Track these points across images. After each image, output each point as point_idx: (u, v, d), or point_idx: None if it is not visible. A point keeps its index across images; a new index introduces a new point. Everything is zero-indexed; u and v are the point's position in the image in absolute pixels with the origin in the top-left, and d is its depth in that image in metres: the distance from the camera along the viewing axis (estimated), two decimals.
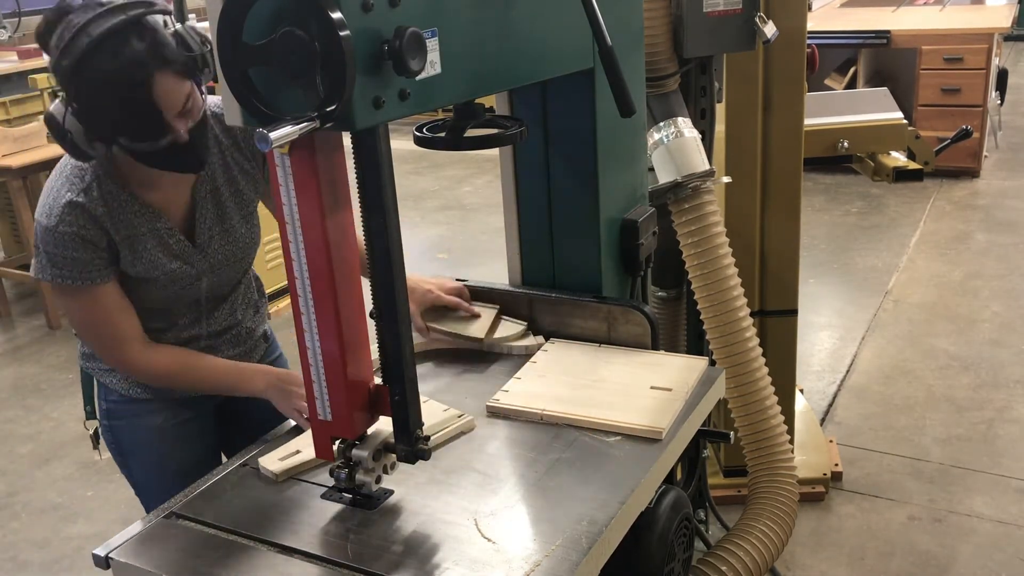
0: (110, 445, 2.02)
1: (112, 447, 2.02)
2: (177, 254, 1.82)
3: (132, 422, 1.97)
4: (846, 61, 6.70)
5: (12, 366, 4.66)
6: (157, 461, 2.00)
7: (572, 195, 1.97)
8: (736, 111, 2.77)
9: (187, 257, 1.83)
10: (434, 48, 1.35)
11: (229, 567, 1.40)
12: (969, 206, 6.00)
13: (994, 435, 3.51)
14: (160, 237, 1.78)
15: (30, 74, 5.63)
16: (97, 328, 1.78)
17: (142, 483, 2.04)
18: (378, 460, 1.50)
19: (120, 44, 1.53)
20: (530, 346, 1.98)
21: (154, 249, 1.78)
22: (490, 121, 1.67)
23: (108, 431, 2.00)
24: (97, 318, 1.76)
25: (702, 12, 2.29)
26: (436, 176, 7.43)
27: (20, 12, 7.96)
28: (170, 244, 1.80)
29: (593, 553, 1.37)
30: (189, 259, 1.83)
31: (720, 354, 2.37)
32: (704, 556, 2.31)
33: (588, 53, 1.79)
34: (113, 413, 1.98)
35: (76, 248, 1.68)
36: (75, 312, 1.77)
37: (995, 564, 2.84)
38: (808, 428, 3.44)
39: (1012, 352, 4.12)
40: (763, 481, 2.44)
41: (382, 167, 1.35)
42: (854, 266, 5.19)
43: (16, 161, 4.82)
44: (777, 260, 2.94)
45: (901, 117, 3.09)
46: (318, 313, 1.40)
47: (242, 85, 1.23)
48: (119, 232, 1.73)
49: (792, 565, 2.88)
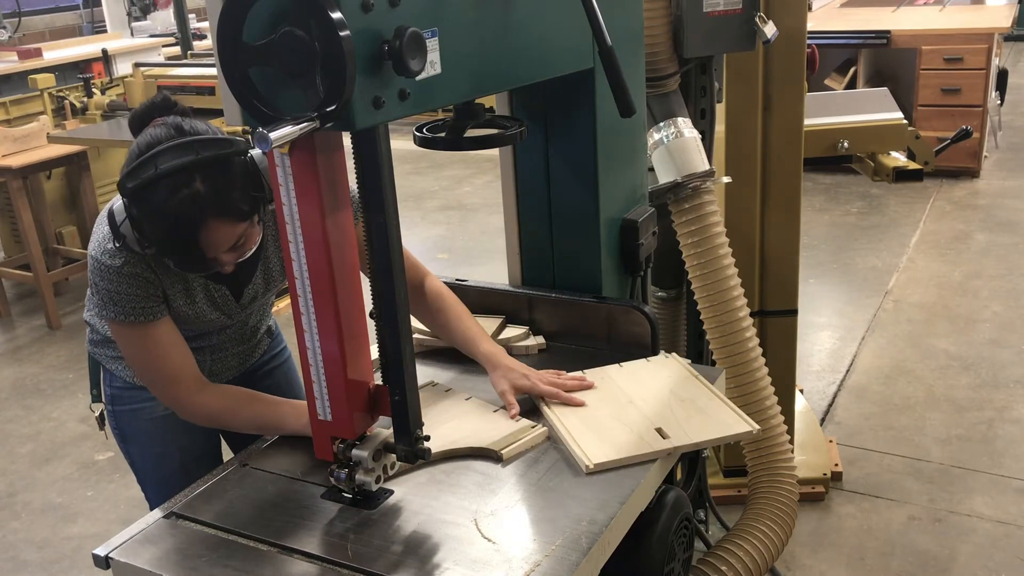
0: (114, 430, 2.05)
1: (115, 432, 2.05)
2: (219, 307, 1.86)
3: (135, 409, 1.99)
4: (846, 61, 6.70)
5: (12, 366, 4.66)
6: (159, 449, 2.02)
7: (572, 195, 1.97)
8: (736, 111, 2.76)
9: (228, 310, 1.88)
10: (434, 48, 1.35)
11: (229, 567, 1.40)
12: (969, 206, 6.00)
13: (994, 435, 3.51)
14: (209, 291, 1.82)
15: (30, 74, 5.64)
16: (157, 364, 1.77)
17: (143, 470, 2.07)
18: (378, 460, 1.50)
19: (181, 184, 1.54)
20: (530, 347, 1.99)
21: (201, 300, 1.81)
22: (490, 121, 1.68)
23: (112, 416, 2.03)
24: (157, 355, 1.75)
25: (702, 12, 2.29)
26: (436, 176, 7.43)
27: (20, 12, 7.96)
28: (215, 298, 1.84)
29: (593, 553, 1.37)
30: (229, 312, 1.88)
31: (720, 354, 2.37)
32: (704, 556, 2.31)
33: (588, 53, 1.80)
34: (117, 399, 2.00)
35: (138, 286, 1.70)
36: (137, 350, 1.77)
37: (995, 564, 2.83)
38: (808, 428, 3.44)
39: (1012, 352, 4.12)
40: (763, 481, 2.44)
41: (382, 167, 1.35)
42: (854, 266, 5.19)
43: (16, 161, 4.82)
44: (777, 260, 2.94)
45: (901, 117, 3.09)
46: (318, 313, 1.40)
47: (242, 85, 1.23)
48: (174, 284, 1.76)
49: (792, 565, 2.88)
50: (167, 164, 1.53)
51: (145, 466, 2.06)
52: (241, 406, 1.78)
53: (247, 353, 2.06)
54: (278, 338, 2.19)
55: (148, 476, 2.06)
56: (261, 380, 2.11)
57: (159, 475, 2.02)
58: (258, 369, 2.12)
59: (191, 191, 1.54)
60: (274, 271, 1.91)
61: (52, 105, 5.68)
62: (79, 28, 9.66)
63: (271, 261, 1.89)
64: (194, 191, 1.54)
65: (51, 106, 5.69)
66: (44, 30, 9.21)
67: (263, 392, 1.83)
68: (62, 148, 4.98)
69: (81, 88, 5.57)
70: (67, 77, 6.05)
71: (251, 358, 2.09)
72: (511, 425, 1.69)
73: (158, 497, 2.00)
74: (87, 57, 6.45)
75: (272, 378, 2.15)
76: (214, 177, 1.56)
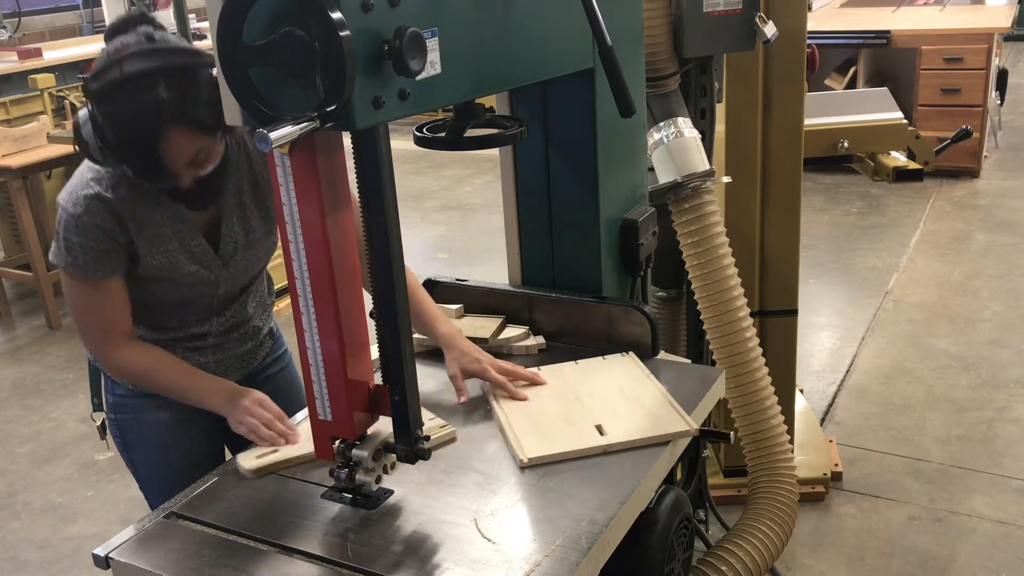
0: (115, 438, 2.04)
1: (117, 440, 2.04)
2: (198, 259, 1.83)
3: (138, 416, 1.98)
4: (846, 61, 6.70)
5: (12, 366, 4.66)
6: (161, 456, 2.01)
7: (572, 195, 1.97)
8: (736, 111, 2.76)
9: (207, 263, 1.85)
10: (434, 48, 1.35)
11: (229, 567, 1.40)
12: (969, 206, 6.00)
13: (994, 435, 3.51)
14: (183, 240, 1.80)
15: (30, 74, 5.63)
16: (90, 314, 1.80)
17: (145, 476, 2.06)
18: (378, 460, 1.50)
19: (144, 89, 1.55)
20: (529, 347, 1.99)
21: (175, 251, 1.80)
22: (490, 121, 1.68)
23: (114, 424, 2.02)
24: (93, 305, 1.79)
25: (702, 12, 2.29)
26: (436, 176, 7.43)
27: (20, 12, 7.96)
28: (192, 248, 1.82)
29: (593, 553, 1.37)
30: (209, 265, 1.85)
31: (720, 354, 2.37)
32: (704, 556, 2.31)
33: (588, 53, 1.79)
34: (119, 407, 2.00)
35: (96, 239, 1.71)
36: (76, 296, 1.79)
37: (995, 564, 2.83)
38: (808, 428, 3.44)
39: (1012, 352, 4.12)
40: (763, 481, 2.44)
41: (382, 167, 1.35)
42: (854, 266, 5.19)
43: (16, 161, 4.82)
44: (777, 260, 2.94)
45: (901, 117, 3.09)
46: (318, 313, 1.40)
47: (242, 85, 1.23)
48: (143, 231, 1.75)
49: (792, 565, 2.88)
50: (132, 68, 1.55)
51: (148, 473, 2.05)
52: (162, 368, 1.82)
53: (250, 354, 2.06)
54: (279, 341, 2.19)
55: (151, 482, 2.05)
56: (263, 384, 2.08)
57: (162, 481, 2.00)
58: (260, 372, 2.11)
59: (155, 96, 1.55)
60: (253, 221, 1.87)
61: (52, 105, 5.68)
62: (79, 28, 9.66)
63: (248, 209, 1.86)
64: (157, 97, 1.55)
65: (51, 106, 5.69)
66: (44, 30, 9.20)
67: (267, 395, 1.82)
68: (62, 148, 4.97)
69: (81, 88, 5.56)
70: (67, 77, 6.05)
71: (254, 360, 2.08)
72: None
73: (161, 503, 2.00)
74: (87, 57, 6.43)
75: (274, 382, 2.13)
76: (179, 85, 1.57)
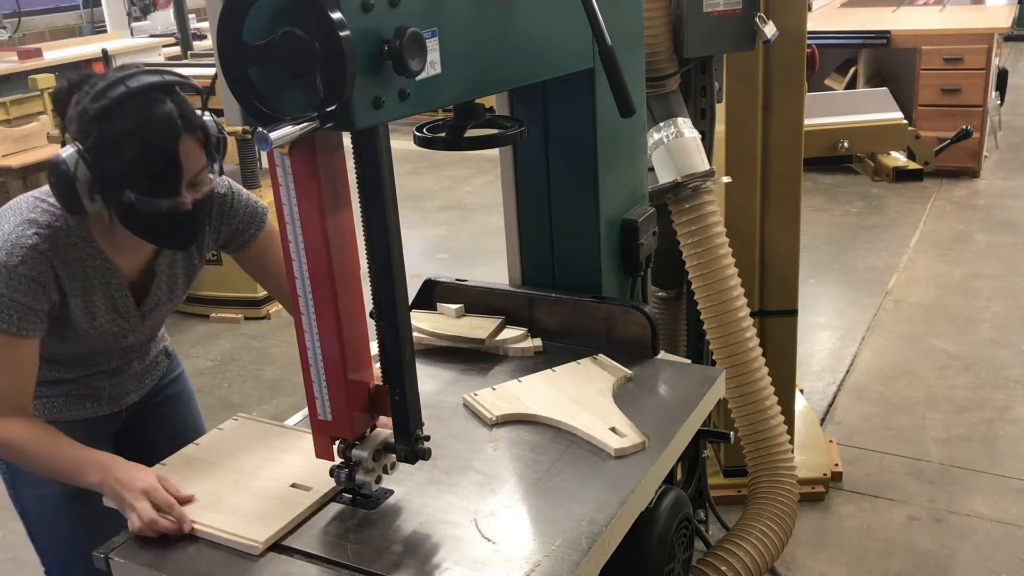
0: (3, 474, 1.90)
1: (5, 477, 1.90)
2: (119, 311, 1.78)
3: None
4: (846, 61, 6.70)
5: None
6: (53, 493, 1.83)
7: (572, 195, 1.97)
8: (736, 111, 2.77)
9: (126, 315, 1.80)
10: (434, 48, 1.35)
11: (229, 567, 1.40)
12: (969, 206, 6.00)
13: (994, 435, 3.51)
14: (109, 292, 1.75)
15: (30, 74, 5.64)
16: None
17: (34, 520, 1.91)
18: (378, 460, 1.50)
19: (155, 100, 1.56)
20: (526, 349, 1.98)
21: (100, 302, 1.74)
22: (490, 121, 1.68)
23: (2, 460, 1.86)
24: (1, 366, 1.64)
25: (702, 12, 2.29)
26: (436, 176, 7.43)
27: (20, 12, 7.96)
28: (116, 300, 1.77)
29: (593, 553, 1.37)
30: (128, 317, 1.81)
31: (720, 354, 2.37)
32: (704, 556, 2.31)
33: (588, 53, 1.79)
34: None
35: (27, 294, 1.61)
36: None
37: (995, 564, 2.83)
38: (808, 428, 3.44)
39: (1012, 352, 4.12)
40: (763, 481, 2.44)
41: (382, 167, 1.35)
42: (854, 266, 5.19)
43: (16, 161, 4.84)
44: (777, 260, 2.94)
45: (901, 117, 3.09)
46: (318, 313, 1.40)
47: (242, 85, 1.23)
48: (73, 283, 1.68)
49: (792, 565, 2.88)
50: (137, 83, 1.56)
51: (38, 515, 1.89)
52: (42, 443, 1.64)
53: (144, 374, 1.99)
54: (176, 361, 2.11)
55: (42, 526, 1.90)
56: (159, 407, 2.04)
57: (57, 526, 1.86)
58: (156, 394, 2.04)
59: (164, 107, 1.56)
60: (179, 282, 1.87)
61: (52, 105, 5.68)
62: (79, 28, 9.66)
63: (179, 270, 1.85)
64: (167, 107, 1.56)
65: (51, 106, 5.69)
66: (44, 30, 9.21)
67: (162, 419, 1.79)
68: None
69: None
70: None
71: (150, 379, 2.01)
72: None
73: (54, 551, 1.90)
74: (87, 57, 6.45)
75: (170, 405, 2.07)
76: (181, 100, 1.60)
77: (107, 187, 1.58)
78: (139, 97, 1.55)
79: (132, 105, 1.55)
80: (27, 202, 1.69)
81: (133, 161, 1.55)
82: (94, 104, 1.55)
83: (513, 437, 1.70)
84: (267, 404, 4.10)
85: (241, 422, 1.76)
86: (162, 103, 1.56)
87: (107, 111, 1.55)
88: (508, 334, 2.01)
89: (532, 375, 1.87)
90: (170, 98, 1.58)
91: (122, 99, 1.55)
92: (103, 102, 1.55)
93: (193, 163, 1.61)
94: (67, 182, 1.56)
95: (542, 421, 1.72)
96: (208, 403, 4.12)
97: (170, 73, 1.63)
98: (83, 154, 1.56)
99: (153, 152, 1.56)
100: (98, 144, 1.56)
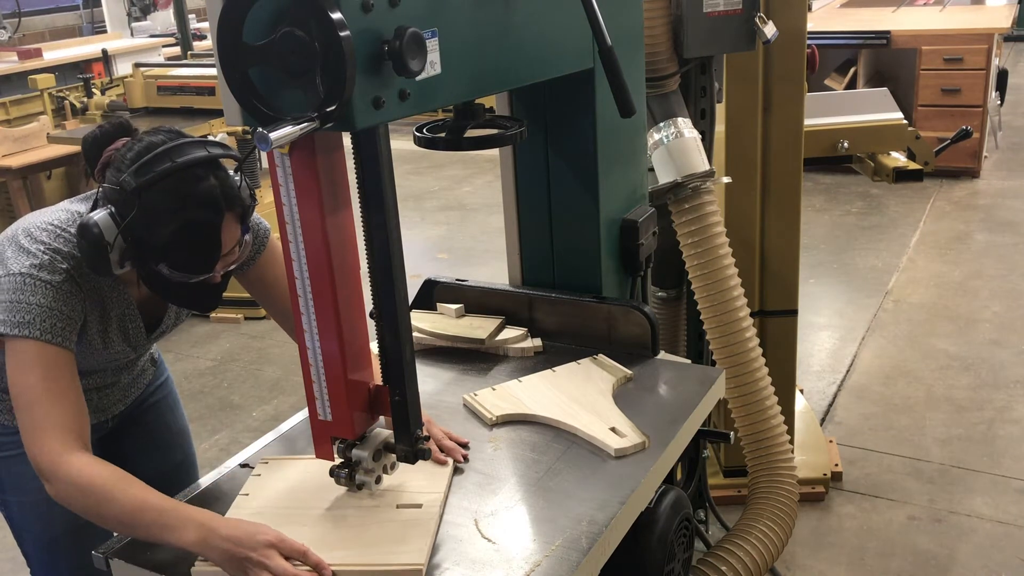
0: None
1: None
2: (130, 340, 1.78)
3: (13, 455, 1.76)
4: (846, 61, 6.70)
5: None
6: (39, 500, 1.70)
7: (572, 195, 1.97)
8: (736, 111, 2.76)
9: (136, 345, 1.81)
10: (434, 48, 1.35)
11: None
12: (969, 206, 6.00)
13: (994, 435, 3.51)
14: (124, 323, 1.75)
15: (30, 74, 5.64)
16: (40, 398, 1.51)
17: (21, 526, 1.87)
18: (378, 460, 1.50)
19: (199, 178, 1.53)
20: (526, 349, 1.99)
21: (113, 332, 1.74)
22: (490, 121, 1.68)
23: None
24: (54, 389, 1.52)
25: (702, 12, 2.29)
26: (436, 176, 7.43)
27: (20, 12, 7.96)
28: (128, 328, 1.77)
29: (593, 553, 1.37)
30: (135, 345, 1.81)
31: (720, 354, 2.37)
32: (704, 556, 2.31)
33: (588, 53, 1.80)
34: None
35: (70, 306, 1.57)
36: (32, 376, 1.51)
37: (995, 564, 2.83)
38: (808, 428, 3.44)
39: (1012, 352, 4.12)
40: (763, 481, 2.44)
41: (382, 167, 1.35)
42: (854, 266, 5.19)
43: (16, 161, 4.83)
44: (777, 260, 2.94)
45: (901, 117, 3.09)
46: (318, 313, 1.40)
47: (242, 85, 1.23)
48: (94, 310, 1.67)
49: (792, 565, 2.88)
50: (184, 157, 1.53)
51: (24, 521, 1.84)
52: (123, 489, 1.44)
53: (131, 384, 1.97)
54: (161, 367, 2.10)
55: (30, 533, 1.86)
56: (145, 414, 2.03)
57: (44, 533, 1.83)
58: (143, 402, 2.03)
59: (209, 184, 1.54)
60: (184, 312, 1.88)
61: (52, 105, 5.69)
62: (79, 28, 9.67)
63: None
64: (211, 184, 1.54)
65: (51, 106, 5.70)
66: (44, 30, 9.22)
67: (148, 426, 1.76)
68: (62, 148, 4.98)
69: (81, 88, 5.57)
70: (67, 77, 6.06)
71: (136, 388, 2.00)
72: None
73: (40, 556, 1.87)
74: (87, 57, 6.45)
75: (156, 411, 2.06)
76: (223, 174, 1.57)
77: (141, 258, 1.56)
78: (183, 174, 1.52)
79: (178, 182, 1.52)
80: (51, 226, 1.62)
81: (174, 239, 1.53)
82: (138, 177, 1.51)
83: (513, 437, 1.70)
84: (267, 404, 4.10)
85: (271, 464, 1.63)
86: (206, 180, 1.53)
87: (150, 186, 1.50)
88: (508, 334, 2.01)
89: (532, 375, 1.87)
90: (213, 172, 1.55)
91: (168, 173, 1.51)
92: (148, 176, 1.50)
93: (231, 239, 1.59)
94: (98, 247, 1.52)
95: (542, 421, 1.72)
96: (208, 403, 4.12)
97: (213, 144, 1.59)
98: (117, 220, 1.52)
99: (196, 232, 1.54)
100: (139, 218, 1.51)
